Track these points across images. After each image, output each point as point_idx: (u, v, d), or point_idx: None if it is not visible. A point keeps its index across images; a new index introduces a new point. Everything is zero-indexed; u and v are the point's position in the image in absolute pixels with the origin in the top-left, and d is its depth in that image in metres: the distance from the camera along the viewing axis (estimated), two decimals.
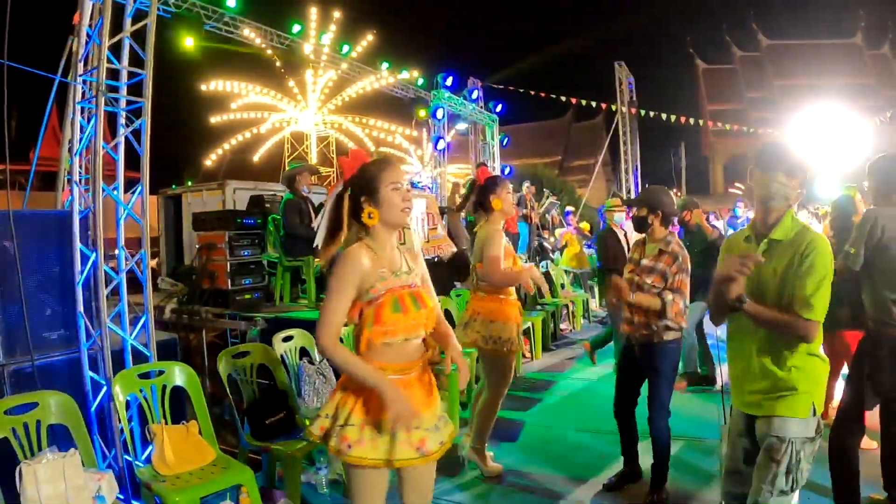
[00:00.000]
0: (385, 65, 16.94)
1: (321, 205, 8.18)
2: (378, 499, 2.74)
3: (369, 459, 2.61)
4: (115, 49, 4.38)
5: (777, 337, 2.77)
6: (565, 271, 12.30)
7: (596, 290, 12.82)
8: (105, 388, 4.05)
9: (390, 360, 2.68)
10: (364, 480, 2.68)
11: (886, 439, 3.99)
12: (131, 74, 4.44)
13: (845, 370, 4.52)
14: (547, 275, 11.15)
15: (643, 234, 4.56)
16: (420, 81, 17.27)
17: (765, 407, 2.82)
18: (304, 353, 5.21)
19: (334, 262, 2.71)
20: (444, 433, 2.79)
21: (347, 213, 2.77)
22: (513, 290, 4.92)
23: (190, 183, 16.32)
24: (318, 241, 2.83)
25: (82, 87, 4.42)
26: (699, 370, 7.09)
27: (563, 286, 11.43)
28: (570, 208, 17.00)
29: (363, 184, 2.73)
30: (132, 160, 4.54)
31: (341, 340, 2.76)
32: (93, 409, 4.09)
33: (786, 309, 2.72)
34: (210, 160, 23.49)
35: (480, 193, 4.86)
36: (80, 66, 4.42)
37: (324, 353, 2.62)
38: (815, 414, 2.75)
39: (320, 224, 2.82)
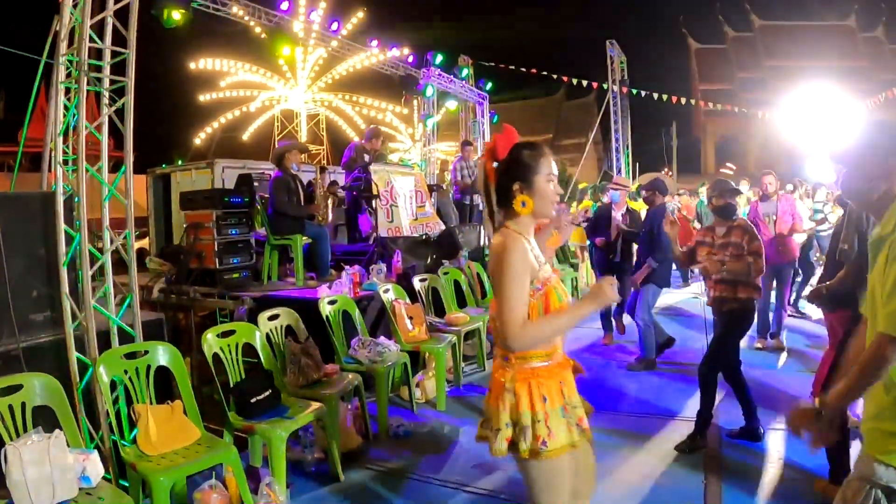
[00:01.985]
0: (375, 42, 16.85)
1: (310, 183, 8.21)
2: (568, 489, 2.64)
3: (565, 447, 2.54)
4: (99, 28, 4.35)
5: None
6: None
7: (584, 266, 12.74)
8: (91, 369, 4.06)
9: (546, 346, 2.61)
10: (559, 473, 2.59)
11: None
12: (115, 54, 4.41)
13: None
14: None
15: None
16: (410, 59, 17.18)
17: (866, 437, 2.33)
18: (289, 331, 5.23)
19: (496, 252, 2.55)
20: (585, 404, 2.73)
21: (492, 194, 2.69)
22: None
23: (180, 162, 16.25)
24: (485, 216, 2.77)
25: (66, 67, 4.39)
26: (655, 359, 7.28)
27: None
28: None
29: (519, 169, 2.62)
30: (120, 140, 4.52)
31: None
32: (79, 390, 4.10)
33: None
34: (199, 139, 23.36)
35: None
36: (63, 45, 4.38)
37: (521, 344, 2.50)
38: None
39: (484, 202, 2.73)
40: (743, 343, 5.24)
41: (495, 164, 2.66)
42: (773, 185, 8.05)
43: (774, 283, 7.94)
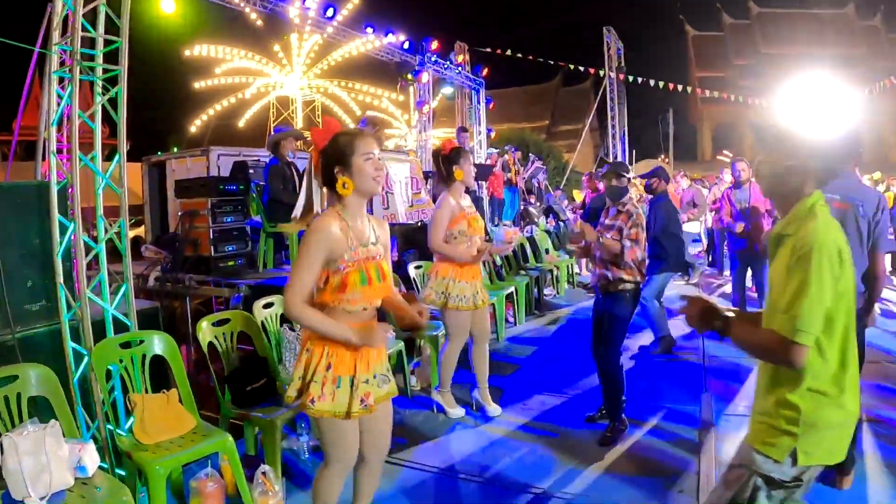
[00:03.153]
0: (370, 28, 16.77)
1: (306, 170, 8.23)
2: (351, 447, 3.06)
3: (331, 412, 2.88)
4: (93, 17, 4.34)
5: None
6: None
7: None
8: (86, 359, 4.07)
9: (355, 322, 2.92)
10: (333, 431, 2.97)
11: None
12: (107, 42, 4.39)
13: None
14: (531, 240, 11.20)
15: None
16: (406, 45, 17.11)
17: (750, 427, 2.46)
18: (284, 319, 5.22)
19: (307, 229, 2.85)
20: (388, 387, 3.14)
21: (321, 183, 2.95)
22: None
23: (175, 150, 16.21)
24: (297, 211, 3.00)
25: (59, 56, 4.38)
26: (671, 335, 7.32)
27: (546, 251, 11.46)
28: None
29: (336, 154, 2.88)
30: (115, 128, 4.51)
31: None
32: (75, 379, 4.11)
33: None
34: (195, 126, 23.29)
35: (444, 162, 5.25)
36: (56, 34, 4.37)
37: (291, 314, 2.81)
38: (795, 463, 2.28)
39: (299, 195, 3.00)
40: None
41: (318, 155, 2.93)
42: (746, 171, 8.01)
43: (750, 272, 7.93)
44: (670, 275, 7.32)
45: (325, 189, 2.98)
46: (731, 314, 2.45)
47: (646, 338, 7.59)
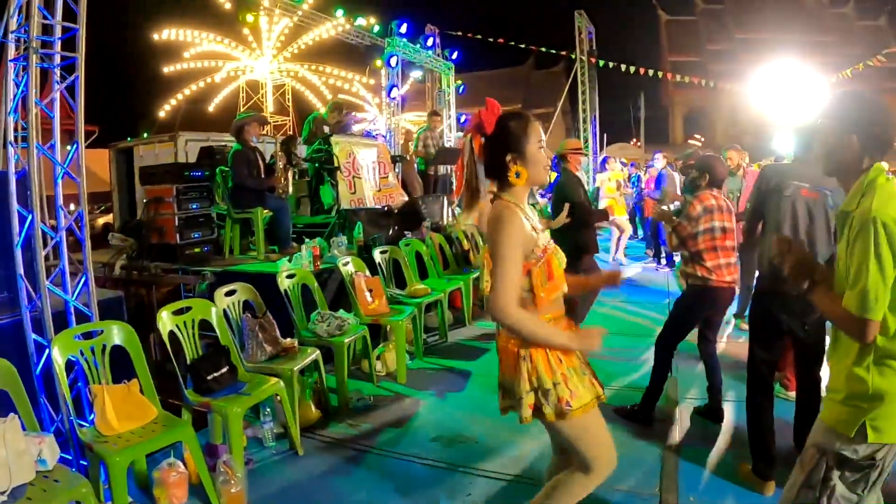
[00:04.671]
0: (340, 12, 16.66)
1: (272, 155, 8.17)
2: (609, 435, 2.80)
3: (590, 402, 2.63)
4: (50, 4, 4.28)
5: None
6: None
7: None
8: (48, 351, 4.05)
9: (555, 311, 2.69)
10: (592, 424, 2.70)
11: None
12: (65, 29, 4.34)
13: None
14: None
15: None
16: (376, 29, 17.03)
17: (823, 404, 2.46)
18: (247, 306, 5.24)
19: (493, 224, 2.58)
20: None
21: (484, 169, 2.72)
22: None
23: (146, 135, 16.03)
24: (460, 198, 2.80)
25: (16, 44, 4.32)
26: None
27: None
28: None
29: (510, 141, 2.65)
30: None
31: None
32: (38, 371, 4.09)
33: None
34: (164, 111, 23.02)
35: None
36: (13, 21, 4.31)
37: (507, 320, 2.50)
38: (865, 441, 2.25)
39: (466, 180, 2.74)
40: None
41: (483, 139, 2.69)
42: (735, 159, 8.01)
43: None
44: None
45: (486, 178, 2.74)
46: (819, 278, 2.43)
47: None
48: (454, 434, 4.91)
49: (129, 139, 12.36)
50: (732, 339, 7.20)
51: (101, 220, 16.84)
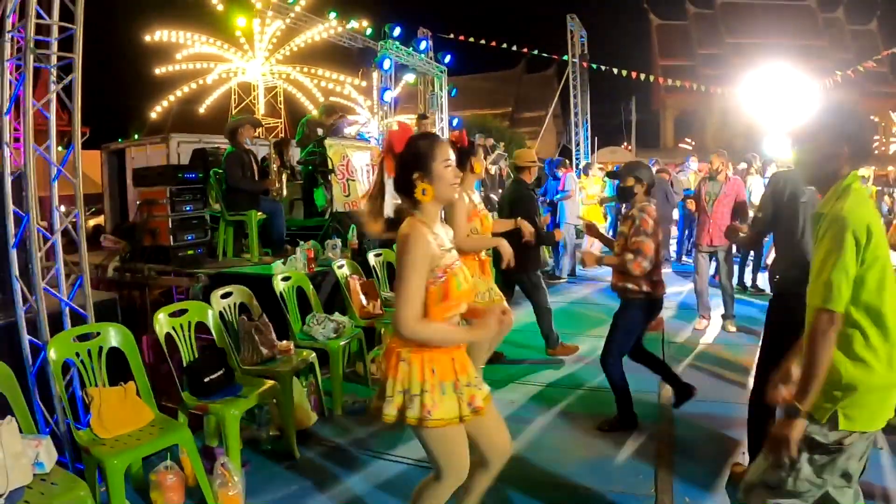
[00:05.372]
0: (333, 14, 16.67)
1: (265, 158, 8.15)
2: (465, 454, 2.90)
3: (448, 419, 2.74)
4: (47, 4, 4.26)
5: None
6: None
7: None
8: (43, 353, 4.02)
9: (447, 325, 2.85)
10: (450, 441, 2.83)
11: None
12: (62, 29, 4.32)
13: None
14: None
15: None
16: (368, 31, 17.04)
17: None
18: (243, 309, 5.22)
19: (400, 241, 2.71)
20: (486, 388, 2.98)
21: (393, 188, 2.88)
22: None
23: (137, 136, 15.96)
24: (365, 216, 2.95)
25: (12, 44, 4.30)
26: None
27: None
28: None
29: (416, 160, 2.78)
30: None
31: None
32: (32, 374, 4.06)
33: None
34: (156, 113, 22.91)
35: (463, 156, 4.98)
36: (9, 21, 4.28)
37: (409, 333, 2.65)
38: (836, 428, 2.39)
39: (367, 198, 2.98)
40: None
41: (393, 158, 2.84)
42: (716, 163, 8.03)
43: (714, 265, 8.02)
44: None
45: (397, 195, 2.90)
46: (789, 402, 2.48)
47: None
48: None
49: (119, 140, 12.29)
50: (718, 343, 7.23)
51: (91, 222, 16.75)
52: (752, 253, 10.03)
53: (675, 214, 12.97)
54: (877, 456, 4.31)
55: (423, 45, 17.92)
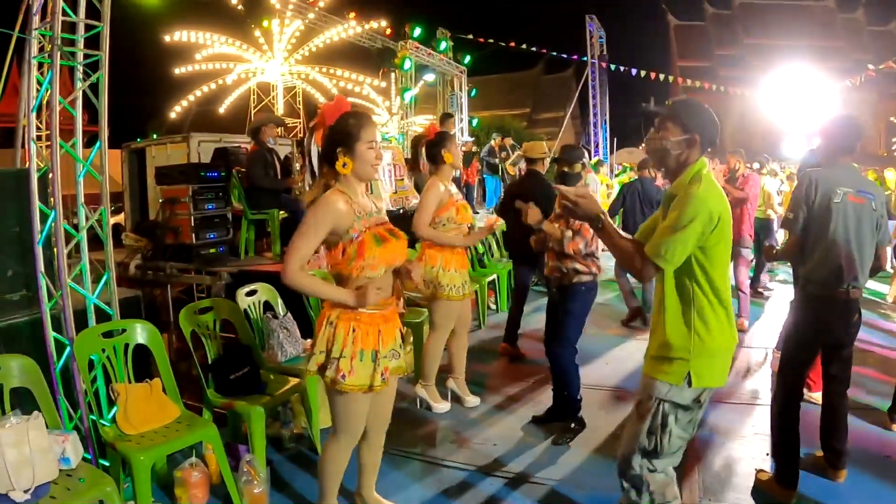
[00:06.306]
0: (352, 15, 16.68)
1: (286, 157, 8.16)
2: (362, 420, 3.22)
3: (359, 386, 3.01)
4: (73, 2, 4.26)
5: (673, 291, 2.75)
6: None
7: None
8: (68, 349, 4.02)
9: (382, 297, 3.08)
10: (353, 405, 3.12)
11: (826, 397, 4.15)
12: (88, 27, 4.32)
13: None
14: None
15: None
16: (388, 32, 17.03)
17: (646, 364, 2.88)
18: (267, 307, 5.21)
19: (312, 205, 3.01)
20: (402, 360, 3.29)
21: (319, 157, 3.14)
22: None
23: (155, 136, 16.02)
24: (305, 185, 3.30)
25: (38, 41, 4.30)
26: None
27: None
28: None
29: (342, 136, 3.02)
30: (95, 115, 4.44)
31: None
32: (57, 370, 4.06)
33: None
34: (175, 113, 22.97)
35: (432, 147, 5.18)
36: (36, 19, 4.29)
37: (290, 280, 2.92)
38: (690, 385, 2.70)
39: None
40: None
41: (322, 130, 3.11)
42: (732, 162, 8.12)
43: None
44: None
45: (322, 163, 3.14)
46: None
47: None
48: (471, 436, 4.89)
49: (139, 140, 12.33)
50: None
51: (111, 221, 16.83)
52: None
53: None
54: None
55: (442, 45, 17.89)
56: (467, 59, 19.15)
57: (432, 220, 5.02)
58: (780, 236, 10.02)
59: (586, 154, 5.08)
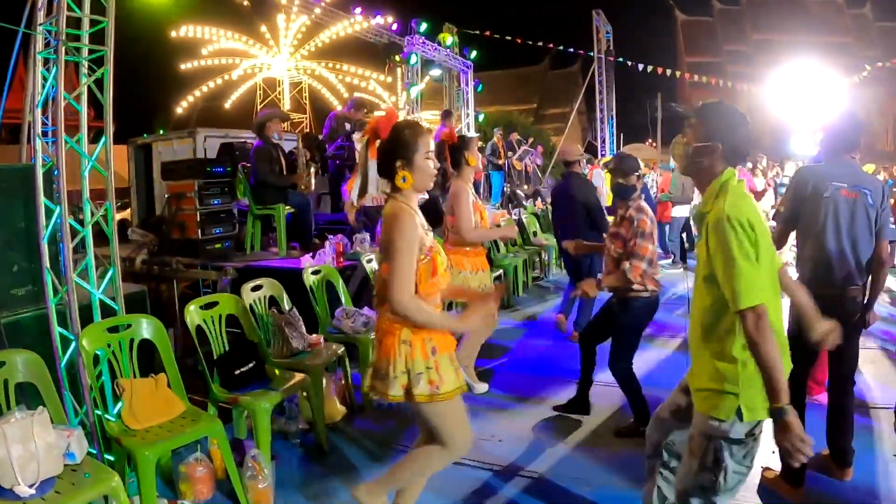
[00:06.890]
0: (358, 9, 16.66)
1: (291, 152, 8.16)
2: (468, 424, 3.13)
3: (454, 390, 2.95)
4: None
5: (714, 321, 2.55)
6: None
7: None
8: (74, 344, 4.02)
9: (434, 307, 3.00)
10: (454, 409, 3.01)
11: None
12: (93, 22, 4.32)
13: None
14: (519, 223, 11.21)
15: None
16: (394, 27, 17.01)
17: (694, 397, 2.68)
18: (273, 302, 5.21)
19: (389, 221, 2.86)
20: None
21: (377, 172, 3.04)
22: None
23: (161, 131, 16.04)
24: (353, 195, 3.16)
25: (44, 37, 4.30)
26: None
27: (534, 234, 11.48)
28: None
29: (399, 148, 2.93)
30: (100, 110, 4.44)
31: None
32: (62, 364, 4.06)
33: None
34: (181, 108, 23.02)
35: (456, 150, 5.24)
36: (41, 14, 4.28)
37: (404, 310, 2.77)
38: (742, 419, 2.48)
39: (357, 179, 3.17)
40: None
41: (378, 143, 2.99)
42: None
43: None
44: None
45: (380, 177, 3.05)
46: None
47: None
48: (479, 431, 4.87)
49: (145, 135, 12.33)
50: None
51: (117, 217, 16.85)
52: None
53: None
54: None
55: (448, 40, 17.85)
56: (474, 54, 19.05)
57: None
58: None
59: (641, 164, 4.91)
